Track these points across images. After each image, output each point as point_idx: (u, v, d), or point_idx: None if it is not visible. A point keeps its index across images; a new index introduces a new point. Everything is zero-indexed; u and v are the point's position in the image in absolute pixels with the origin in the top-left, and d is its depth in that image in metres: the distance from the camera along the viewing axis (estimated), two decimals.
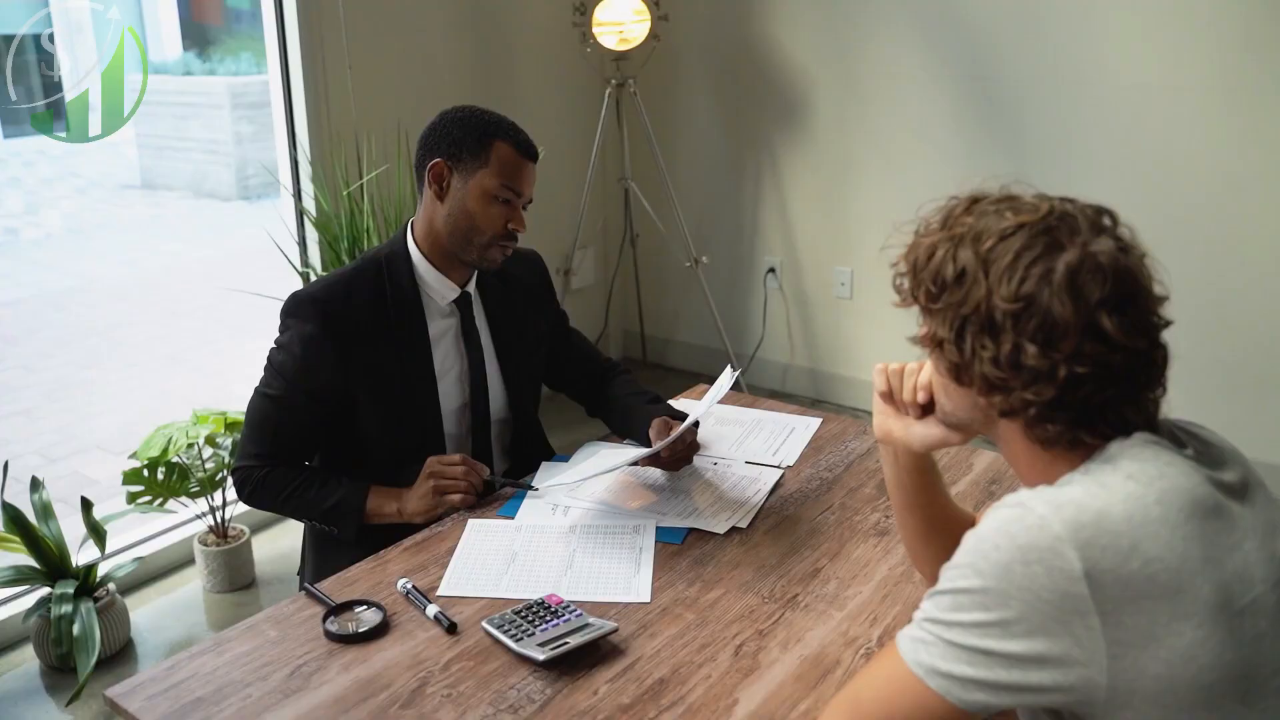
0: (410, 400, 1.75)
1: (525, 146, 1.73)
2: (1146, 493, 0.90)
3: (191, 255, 7.13)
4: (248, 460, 1.73)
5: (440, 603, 1.40)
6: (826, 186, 3.80)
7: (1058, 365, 0.92)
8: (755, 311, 4.11)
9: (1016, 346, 0.93)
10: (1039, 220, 0.95)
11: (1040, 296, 0.92)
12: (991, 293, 0.94)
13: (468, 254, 1.74)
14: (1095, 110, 3.19)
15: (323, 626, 1.35)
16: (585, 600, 1.40)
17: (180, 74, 9.88)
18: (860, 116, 3.66)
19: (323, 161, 3.08)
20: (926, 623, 0.93)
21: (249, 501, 1.76)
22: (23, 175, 9.25)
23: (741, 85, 3.92)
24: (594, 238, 4.19)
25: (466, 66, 3.56)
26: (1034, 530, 0.88)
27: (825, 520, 1.62)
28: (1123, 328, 0.91)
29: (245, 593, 2.84)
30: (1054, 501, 0.90)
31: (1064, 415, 0.95)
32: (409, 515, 1.66)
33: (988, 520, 0.92)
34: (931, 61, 3.47)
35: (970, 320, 0.96)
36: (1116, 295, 0.92)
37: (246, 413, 1.76)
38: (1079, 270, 0.92)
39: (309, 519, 1.75)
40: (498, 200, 1.70)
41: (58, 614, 2.35)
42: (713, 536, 1.57)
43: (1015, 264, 0.93)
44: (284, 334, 1.72)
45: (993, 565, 0.89)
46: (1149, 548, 0.87)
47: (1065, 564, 0.86)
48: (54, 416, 4.30)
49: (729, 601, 1.40)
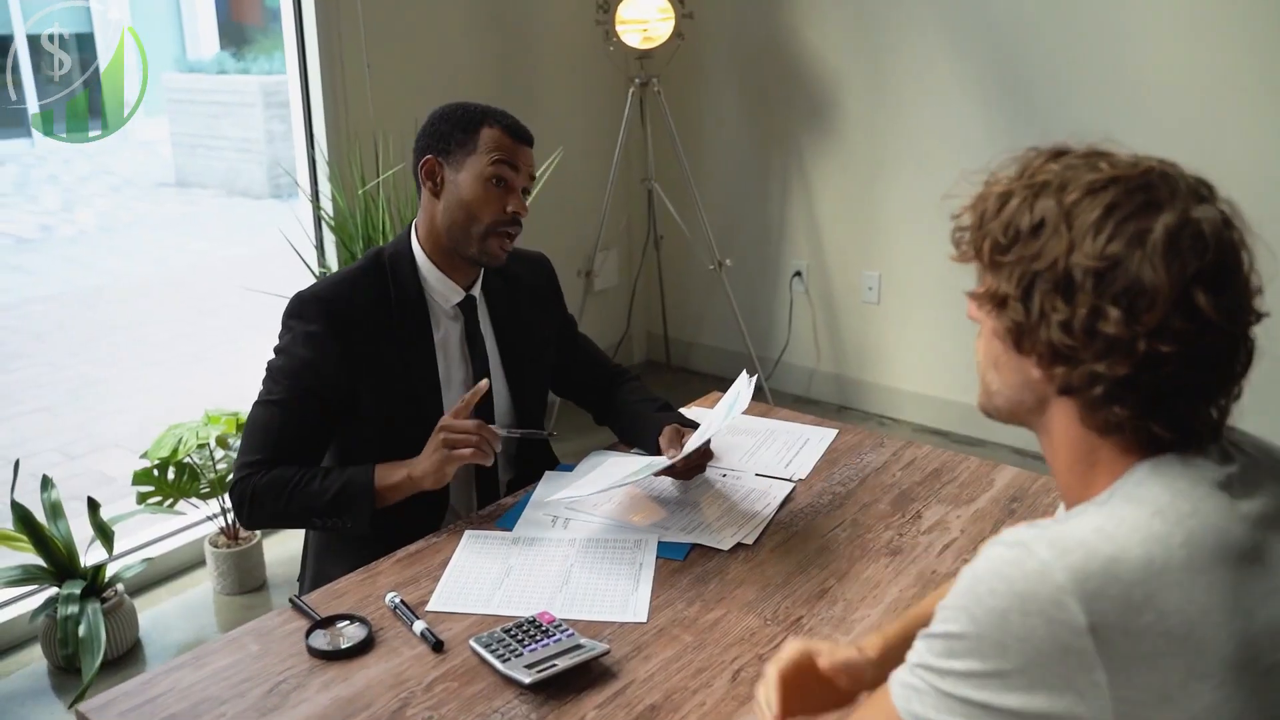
0: (414, 408, 1.69)
1: (514, 128, 1.69)
2: (1172, 534, 0.79)
3: (220, 253, 7.16)
4: (245, 470, 1.61)
5: (429, 618, 1.35)
6: (855, 188, 3.72)
7: (1138, 338, 0.80)
8: (781, 315, 4.03)
9: (1095, 310, 0.81)
10: (1136, 176, 0.84)
11: (1130, 259, 0.80)
12: (1074, 248, 0.82)
13: (468, 247, 1.68)
14: (1132, 111, 3.09)
15: (305, 642, 1.30)
16: (579, 619, 1.34)
17: (215, 72, 9.96)
18: (891, 117, 3.57)
19: (340, 161, 3.05)
20: (919, 669, 0.84)
21: (249, 516, 1.62)
22: (60, 173, 9.35)
23: (768, 84, 3.85)
24: (617, 239, 4.14)
25: (487, 65, 3.52)
26: (1034, 578, 0.78)
27: (836, 537, 1.55)
28: (1218, 307, 0.80)
29: (255, 595, 2.81)
30: (1059, 545, 0.79)
31: (1132, 399, 0.83)
32: (419, 478, 1.57)
33: (985, 559, 0.83)
34: (963, 61, 3.38)
35: (1043, 277, 0.84)
36: (1216, 269, 0.81)
37: (244, 427, 1.67)
38: (1179, 234, 0.80)
39: (315, 516, 1.60)
40: (491, 183, 1.65)
41: (64, 614, 2.33)
42: (717, 553, 1.50)
43: (1105, 219, 0.82)
44: (285, 336, 1.66)
45: (988, 612, 0.79)
46: (1167, 599, 0.77)
47: (1067, 617, 0.76)
48: (76, 414, 4.31)
49: (729, 623, 1.34)
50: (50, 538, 2.43)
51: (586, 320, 3.82)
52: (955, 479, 1.72)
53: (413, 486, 1.58)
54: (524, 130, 1.70)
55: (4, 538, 2.44)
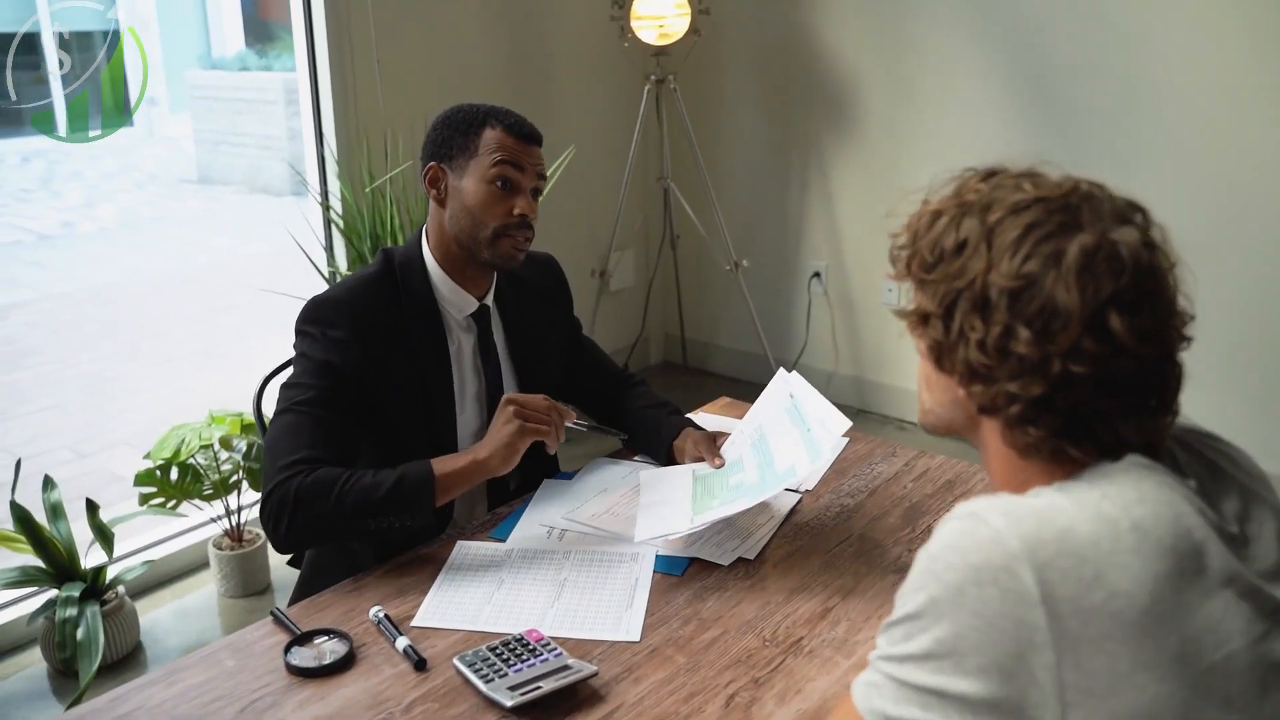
0: (427, 422, 1.61)
1: (518, 127, 1.61)
2: (1120, 517, 0.79)
3: (239, 250, 7.16)
4: (282, 474, 1.43)
5: (414, 634, 1.30)
6: (875, 188, 3.65)
7: (1051, 359, 0.81)
8: (799, 317, 3.96)
9: (1008, 330, 0.82)
10: (1059, 197, 0.84)
11: (1045, 279, 0.81)
12: (991, 267, 0.83)
13: (480, 252, 1.60)
14: (1161, 112, 3.00)
15: (283, 658, 1.25)
16: (569, 637, 1.28)
17: (237, 69, 9.99)
18: (912, 115, 3.49)
19: (349, 158, 3.00)
20: (879, 661, 0.85)
21: (290, 525, 1.42)
22: (85, 169, 9.41)
23: (787, 82, 3.78)
24: (632, 239, 4.08)
25: (499, 61, 3.47)
26: (987, 546, 0.78)
27: (842, 553, 1.48)
28: (1133, 330, 0.80)
29: (259, 598, 2.77)
30: (1012, 514, 0.79)
31: (1049, 420, 0.84)
32: (487, 460, 1.45)
33: (939, 534, 0.82)
34: (985, 59, 3.30)
35: (963, 296, 0.85)
36: (1133, 292, 0.80)
37: (266, 445, 1.51)
38: (1094, 256, 0.81)
39: (368, 516, 1.42)
40: (495, 186, 1.58)
41: (62, 617, 2.30)
42: (716, 568, 1.44)
43: (1023, 239, 0.82)
44: (305, 341, 1.55)
45: (944, 587, 0.79)
46: (1116, 579, 0.76)
47: (1020, 586, 0.76)
48: (88, 411, 4.30)
49: (726, 644, 1.27)
50: (49, 539, 2.40)
51: (601, 321, 3.78)
52: (969, 491, 1.64)
53: (479, 472, 1.47)
54: (529, 128, 1.62)
55: (3, 539, 2.41)
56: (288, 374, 1.58)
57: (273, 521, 1.43)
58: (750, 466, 1.55)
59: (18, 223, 7.76)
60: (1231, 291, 2.96)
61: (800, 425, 1.52)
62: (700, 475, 1.60)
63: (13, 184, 8.99)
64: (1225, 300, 2.97)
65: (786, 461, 1.48)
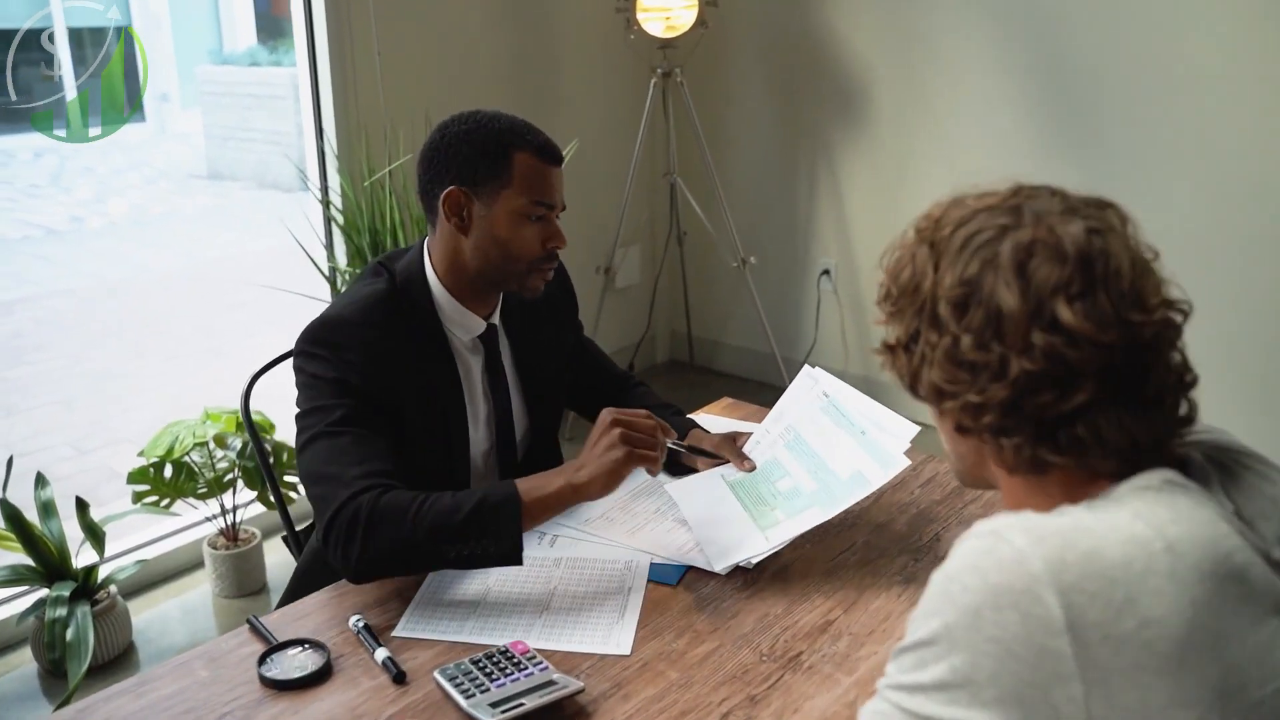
0: (441, 449, 1.53)
1: (547, 150, 1.48)
2: (1154, 538, 0.73)
3: (247, 246, 7.12)
4: (344, 495, 1.30)
5: (395, 645, 1.24)
6: (886, 185, 3.57)
7: (1008, 361, 0.79)
8: (808, 315, 3.90)
9: (957, 339, 0.81)
10: (999, 203, 0.83)
11: (984, 281, 0.80)
12: (937, 283, 0.83)
13: (507, 284, 1.52)
14: (1180, 105, 2.92)
15: (257, 668, 1.19)
16: (557, 650, 1.23)
17: (247, 65, 9.97)
18: (923, 110, 3.42)
19: (349, 152, 2.95)
20: (889, 690, 0.79)
21: (362, 550, 1.28)
22: (96, 164, 9.39)
23: (796, 76, 3.71)
24: (638, 235, 4.02)
25: (502, 52, 3.41)
26: (1009, 567, 0.73)
27: (844, 562, 1.42)
28: (1088, 317, 0.77)
29: (255, 598, 2.72)
30: (1036, 532, 0.74)
31: (1022, 426, 0.80)
32: (584, 486, 1.32)
33: (956, 553, 0.78)
34: (999, 53, 3.22)
35: (921, 318, 0.85)
36: (1080, 280, 0.78)
37: (307, 471, 1.38)
38: (1031, 249, 0.79)
39: (445, 542, 1.29)
40: (530, 220, 1.47)
41: (51, 617, 2.26)
42: (713, 577, 1.38)
43: (964, 248, 0.82)
44: (316, 363, 1.43)
45: (960, 611, 0.74)
46: (1149, 606, 0.71)
47: (1043, 612, 0.71)
48: (91, 408, 4.27)
49: (721, 658, 1.21)
50: (40, 537, 2.35)
51: (606, 319, 3.72)
52: (979, 498, 1.58)
53: (574, 498, 1.33)
54: (554, 149, 1.50)
55: None
56: (298, 400, 1.45)
57: (342, 546, 1.29)
58: (798, 471, 1.47)
59: (27, 218, 7.75)
60: (1261, 290, 2.89)
61: (848, 427, 1.46)
62: (732, 481, 1.53)
63: (23, 179, 8.98)
64: (1251, 299, 2.89)
65: (849, 468, 1.41)
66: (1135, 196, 0.89)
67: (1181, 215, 2.92)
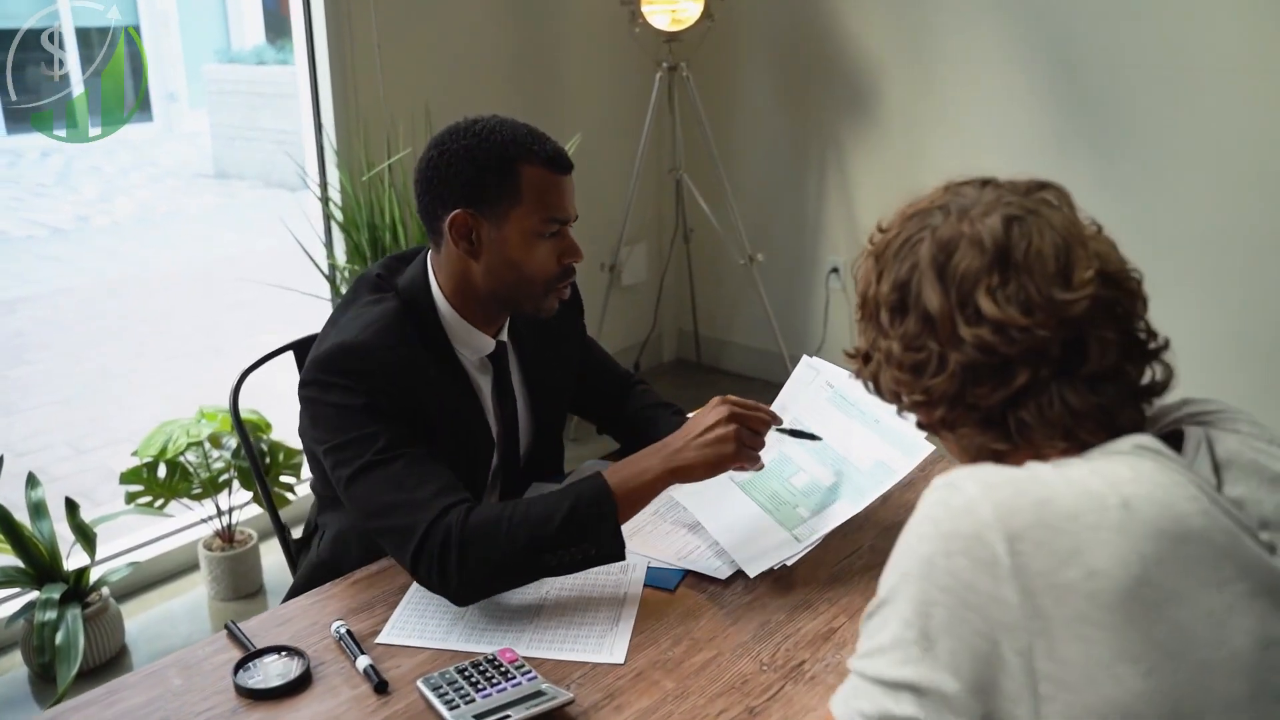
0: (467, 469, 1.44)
1: (556, 159, 1.37)
2: (1108, 493, 0.74)
3: (251, 245, 7.09)
4: (424, 521, 1.23)
5: (378, 652, 1.19)
6: (897, 181, 3.51)
7: (946, 356, 0.82)
8: (816, 313, 3.84)
9: (895, 342, 0.85)
10: (929, 204, 0.86)
11: (912, 283, 0.84)
12: (879, 292, 0.87)
13: (522, 306, 1.44)
14: (1199, 101, 2.84)
15: (232, 677, 1.14)
16: (547, 658, 1.17)
17: (254, 63, 9.95)
18: (935, 106, 3.35)
19: (348, 146, 2.90)
20: (854, 662, 0.80)
21: (460, 573, 1.21)
22: (103, 163, 9.39)
23: (804, 70, 3.65)
24: (643, 232, 3.96)
25: (505, 46, 3.35)
26: (959, 514, 0.75)
27: (850, 566, 1.36)
28: (1011, 303, 0.79)
29: (251, 601, 2.67)
30: (988, 480, 0.76)
31: (968, 416, 0.84)
32: (683, 469, 1.27)
33: (918, 508, 0.79)
34: (1013, 46, 3.15)
35: (874, 327, 0.88)
36: (1000, 269, 0.80)
37: (367, 506, 1.28)
38: (950, 245, 0.82)
39: (545, 551, 1.23)
40: (543, 237, 1.38)
41: (41, 620, 2.21)
42: (712, 583, 1.32)
43: (897, 255, 0.85)
44: (332, 391, 1.32)
45: (917, 561, 0.76)
46: (1095, 556, 0.71)
47: (990, 556, 0.72)
48: (91, 407, 4.23)
49: (719, 667, 1.16)
50: (30, 539, 2.31)
51: (612, 317, 3.67)
52: None
53: (670, 482, 1.28)
54: (564, 157, 1.39)
55: None
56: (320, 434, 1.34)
57: (439, 571, 1.22)
58: (812, 465, 1.41)
59: (32, 217, 7.74)
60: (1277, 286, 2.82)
61: (859, 417, 1.40)
62: (741, 482, 1.46)
63: (30, 179, 8.99)
64: (1271, 295, 2.82)
65: (869, 458, 1.36)
66: (1152, 193, 0.88)
67: (1199, 211, 2.85)
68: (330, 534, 1.51)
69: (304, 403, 1.38)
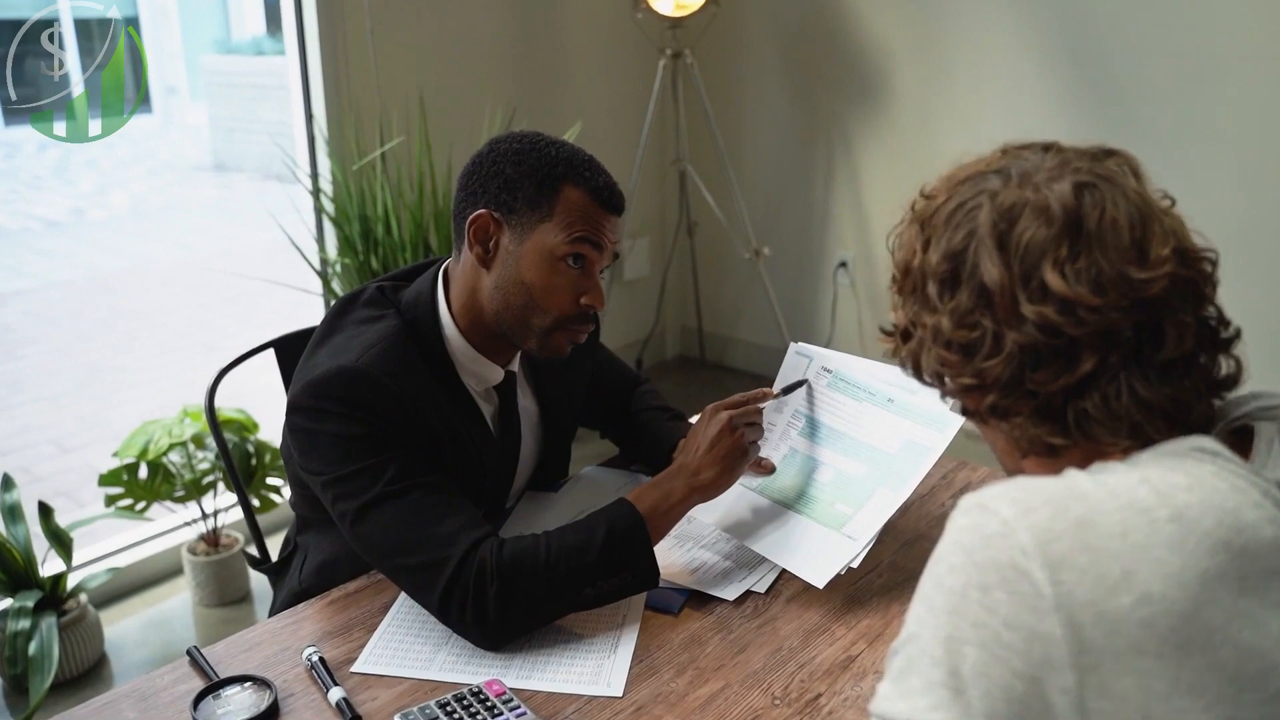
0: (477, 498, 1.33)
1: (606, 192, 1.25)
2: (1159, 505, 0.66)
3: (246, 239, 7.00)
4: (453, 558, 1.13)
5: (353, 683, 1.09)
6: (907, 173, 3.40)
7: (1002, 336, 0.73)
8: (823, 309, 3.73)
9: (944, 319, 0.76)
10: (986, 168, 0.78)
11: (968, 253, 0.75)
12: (926, 263, 0.78)
13: (523, 339, 1.30)
14: (1223, 89, 2.73)
15: (191, 712, 1.04)
16: (538, 690, 1.07)
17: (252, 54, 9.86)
18: (946, 98, 3.25)
19: (339, 135, 2.80)
20: (878, 703, 0.69)
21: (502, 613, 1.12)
22: (101, 157, 9.30)
23: (812, 59, 3.54)
24: (646, 225, 3.86)
25: (503, 30, 3.24)
26: (994, 542, 0.66)
27: (868, 585, 1.25)
28: (1081, 280, 0.71)
29: (237, 607, 2.58)
30: (1023, 501, 0.67)
31: (1024, 404, 0.75)
32: (707, 486, 1.24)
33: (946, 532, 0.70)
34: (1025, 36, 3.04)
35: (917, 302, 0.79)
36: (1070, 241, 0.72)
37: (382, 544, 1.17)
38: (1014, 213, 0.73)
39: (586, 584, 1.16)
40: (565, 264, 1.25)
41: (13, 630, 2.11)
42: (719, 604, 1.22)
43: (949, 222, 0.77)
44: (330, 420, 1.20)
45: (947, 595, 0.67)
46: (1148, 580, 0.64)
47: (1030, 588, 0.64)
48: (79, 404, 4.13)
49: (727, 701, 1.05)
50: (4, 543, 2.21)
51: (614, 313, 3.57)
52: None
53: (697, 501, 1.25)
54: (617, 194, 1.27)
55: None
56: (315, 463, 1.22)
57: (475, 610, 1.12)
58: (832, 457, 1.31)
59: (28, 210, 7.65)
60: None
61: (869, 398, 1.30)
62: (757, 487, 1.36)
63: (27, 171, 8.91)
64: None
65: (897, 439, 1.26)
66: (1173, 185, 0.80)
67: (1220, 201, 2.75)
68: (314, 562, 1.38)
69: (295, 431, 1.24)
